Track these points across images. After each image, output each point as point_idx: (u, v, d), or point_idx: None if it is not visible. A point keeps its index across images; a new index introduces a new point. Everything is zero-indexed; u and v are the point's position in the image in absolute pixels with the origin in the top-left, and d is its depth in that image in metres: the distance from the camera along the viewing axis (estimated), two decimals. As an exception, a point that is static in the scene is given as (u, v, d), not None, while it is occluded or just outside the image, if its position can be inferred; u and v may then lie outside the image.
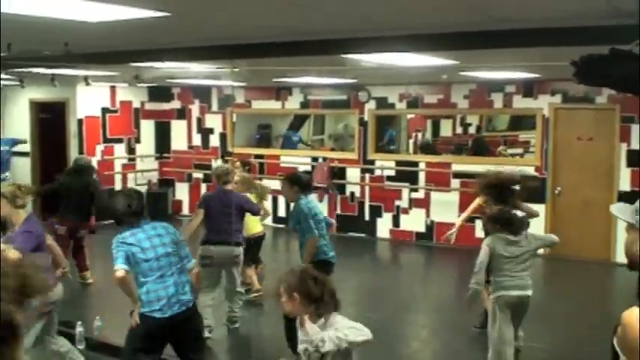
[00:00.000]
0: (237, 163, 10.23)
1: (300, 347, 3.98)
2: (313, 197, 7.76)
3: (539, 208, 11.46)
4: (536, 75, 10.48)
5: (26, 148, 14.93)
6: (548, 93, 11.77)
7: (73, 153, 14.33)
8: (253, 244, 8.93)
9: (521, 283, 6.12)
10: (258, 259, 9.46)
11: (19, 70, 9.66)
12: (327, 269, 6.45)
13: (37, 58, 7.87)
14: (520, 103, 12.11)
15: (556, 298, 9.42)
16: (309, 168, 13.69)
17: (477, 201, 7.93)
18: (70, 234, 9.81)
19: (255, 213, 8.44)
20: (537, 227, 11.46)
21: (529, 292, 6.13)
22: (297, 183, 7.14)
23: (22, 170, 14.73)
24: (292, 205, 7.28)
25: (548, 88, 11.71)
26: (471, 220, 8.38)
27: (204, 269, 7.38)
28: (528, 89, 11.91)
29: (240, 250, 7.91)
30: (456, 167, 12.67)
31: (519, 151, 13.77)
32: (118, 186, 15.01)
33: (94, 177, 10.77)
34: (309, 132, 16.22)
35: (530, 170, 11.78)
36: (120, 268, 5.26)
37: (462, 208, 11.75)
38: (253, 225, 8.94)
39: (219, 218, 7.79)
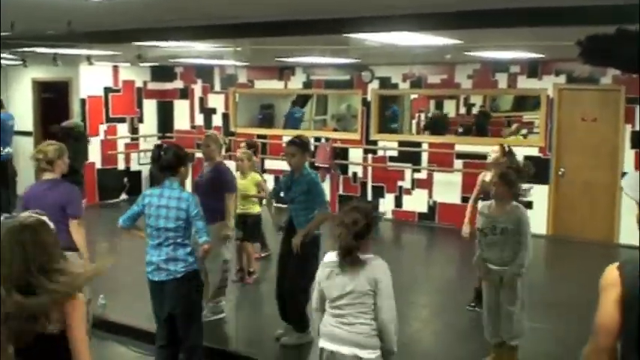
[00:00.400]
0: (243, 144, 10.21)
1: None
2: None
3: (543, 188, 11.52)
4: (541, 55, 10.43)
5: (29, 127, 14.92)
6: (552, 73, 11.71)
7: (75, 132, 14.34)
8: (249, 224, 8.86)
9: None
10: (264, 244, 9.56)
11: (22, 49, 9.62)
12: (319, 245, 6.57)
13: (40, 37, 7.84)
14: (524, 83, 12.06)
15: (558, 280, 9.43)
16: (312, 148, 13.65)
17: (480, 179, 7.95)
18: None
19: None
20: (541, 208, 11.54)
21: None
22: (308, 150, 6.86)
23: (25, 149, 14.70)
24: (290, 175, 6.79)
25: (553, 68, 11.66)
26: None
27: None
28: (533, 69, 11.85)
29: None
30: (460, 148, 12.64)
31: (523, 131, 13.72)
32: (121, 165, 15.02)
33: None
34: (311, 112, 16.17)
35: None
36: (119, 223, 5.81)
37: (465, 188, 11.79)
38: (250, 204, 8.88)
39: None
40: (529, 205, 11.57)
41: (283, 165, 10.42)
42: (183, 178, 5.84)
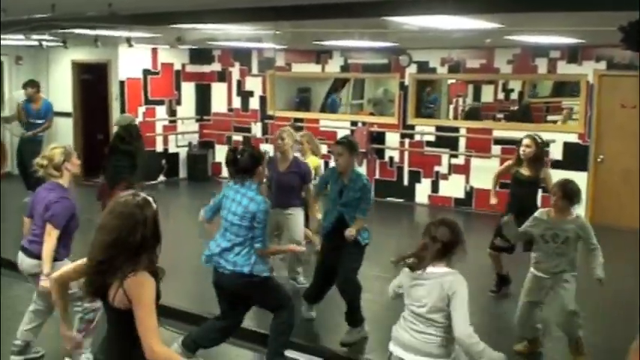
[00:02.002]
0: (289, 128, 10.02)
1: None
2: None
3: (582, 176, 11.43)
4: (582, 40, 10.31)
5: (68, 108, 15.09)
6: (592, 59, 11.59)
7: (114, 114, 14.47)
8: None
9: None
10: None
11: (63, 30, 9.71)
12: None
13: (81, 18, 7.91)
14: (564, 69, 11.94)
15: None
16: (348, 132, 13.64)
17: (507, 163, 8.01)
18: None
19: None
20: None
21: None
22: (356, 151, 6.75)
23: (64, 131, 14.90)
24: (335, 175, 6.74)
25: (593, 54, 11.53)
26: (509, 186, 8.31)
27: None
28: (573, 55, 11.73)
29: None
30: (497, 133, 12.57)
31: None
32: (159, 147, 15.14)
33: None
34: (348, 96, 16.16)
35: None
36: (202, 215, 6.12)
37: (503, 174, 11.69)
38: None
39: None
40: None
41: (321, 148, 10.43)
42: (261, 177, 5.99)
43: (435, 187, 13.25)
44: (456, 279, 4.41)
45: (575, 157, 11.68)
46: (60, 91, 15.00)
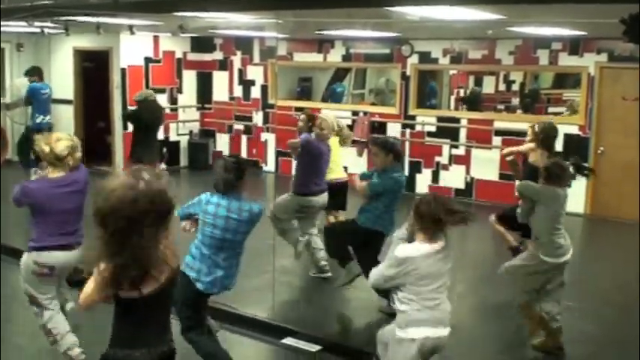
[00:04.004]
0: (302, 116, 9.84)
1: None
2: None
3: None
4: (583, 32, 10.31)
5: (69, 95, 15.10)
6: (594, 51, 11.59)
7: (116, 102, 14.49)
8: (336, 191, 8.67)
9: None
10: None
11: (65, 17, 9.71)
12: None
13: (84, 5, 7.91)
14: (566, 60, 11.95)
15: (595, 259, 9.39)
16: (349, 122, 13.65)
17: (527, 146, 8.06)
18: None
19: None
20: (579, 187, 11.48)
21: None
22: (393, 150, 6.94)
23: (65, 117, 14.91)
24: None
25: (595, 46, 11.53)
26: (509, 177, 8.35)
27: None
28: (574, 47, 11.74)
29: None
30: (498, 124, 12.58)
31: (562, 110, 13.61)
32: (160, 136, 15.14)
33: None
34: (350, 86, 16.16)
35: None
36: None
37: (503, 165, 11.72)
38: (335, 169, 8.74)
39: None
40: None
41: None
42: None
43: (435, 178, 13.27)
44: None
45: (575, 148, 11.67)
46: (61, 78, 14.99)
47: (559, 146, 11.70)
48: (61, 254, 5.64)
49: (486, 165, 12.50)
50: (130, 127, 11.43)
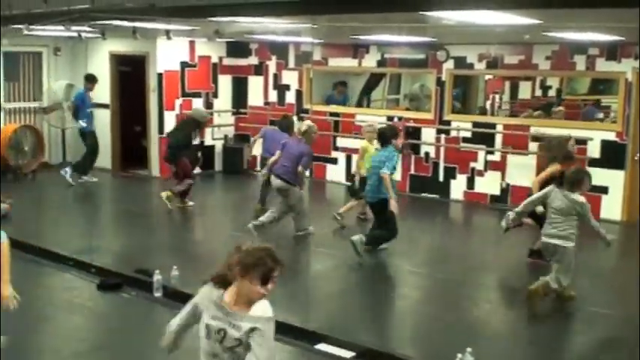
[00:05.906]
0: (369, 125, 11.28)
1: None
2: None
3: (618, 174, 11.34)
4: (621, 38, 10.19)
5: (106, 100, 15.24)
6: (632, 57, 11.44)
7: (152, 106, 14.60)
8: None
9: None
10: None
11: (102, 22, 9.79)
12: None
13: (120, 10, 7.97)
14: (603, 66, 11.79)
15: (631, 267, 9.25)
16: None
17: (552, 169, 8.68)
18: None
19: None
20: (616, 194, 11.37)
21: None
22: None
23: (102, 122, 15.03)
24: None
25: (632, 51, 11.38)
26: (545, 183, 8.30)
27: None
28: (612, 52, 11.59)
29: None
30: (535, 130, 12.47)
31: (600, 115, 13.46)
32: (195, 140, 15.23)
33: None
34: (384, 91, 16.12)
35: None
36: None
37: (540, 172, 11.59)
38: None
39: None
40: (604, 190, 11.42)
41: (355, 143, 10.45)
42: None
43: (470, 184, 13.18)
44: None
45: (612, 155, 11.54)
46: (98, 82, 15.13)
47: (596, 153, 11.66)
48: None
49: (522, 171, 12.37)
50: (165, 132, 11.68)
